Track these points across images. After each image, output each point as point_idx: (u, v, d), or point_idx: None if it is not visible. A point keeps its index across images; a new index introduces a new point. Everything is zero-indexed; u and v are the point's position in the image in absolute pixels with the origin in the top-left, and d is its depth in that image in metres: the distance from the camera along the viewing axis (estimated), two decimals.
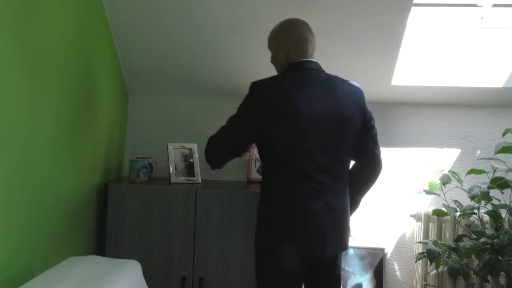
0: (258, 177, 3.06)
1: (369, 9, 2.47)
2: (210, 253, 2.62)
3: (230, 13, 2.57)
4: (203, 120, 3.17)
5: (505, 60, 2.85)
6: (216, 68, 2.94)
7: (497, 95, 2.92)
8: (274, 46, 2.15)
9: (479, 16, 2.86)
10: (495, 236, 2.50)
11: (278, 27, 2.16)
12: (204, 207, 2.64)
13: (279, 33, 2.14)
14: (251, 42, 2.73)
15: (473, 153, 3.04)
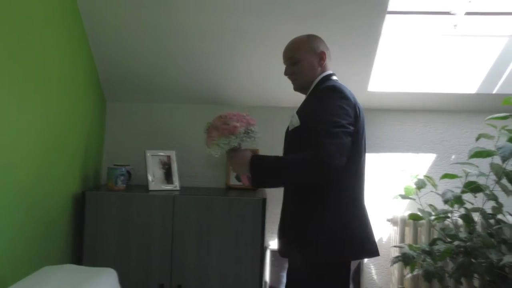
0: (236, 184, 3.07)
1: (344, 16, 2.50)
2: (188, 260, 2.63)
3: (208, 21, 2.59)
4: (181, 128, 3.18)
5: (478, 67, 2.91)
6: (195, 75, 2.95)
7: (471, 101, 2.98)
8: (308, 52, 2.03)
9: (453, 23, 2.92)
10: (468, 239, 2.55)
11: (308, 35, 2.08)
12: (182, 214, 2.64)
13: (314, 40, 2.06)
14: (229, 49, 2.75)
15: (448, 158, 3.09)
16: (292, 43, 2.08)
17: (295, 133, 1.94)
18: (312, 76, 2.03)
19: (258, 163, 1.88)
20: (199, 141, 3.15)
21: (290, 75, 2.07)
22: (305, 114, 1.93)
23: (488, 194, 2.55)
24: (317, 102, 1.89)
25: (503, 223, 2.60)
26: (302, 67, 2.03)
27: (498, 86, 2.89)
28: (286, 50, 2.08)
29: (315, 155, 1.75)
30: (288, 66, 2.07)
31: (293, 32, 2.58)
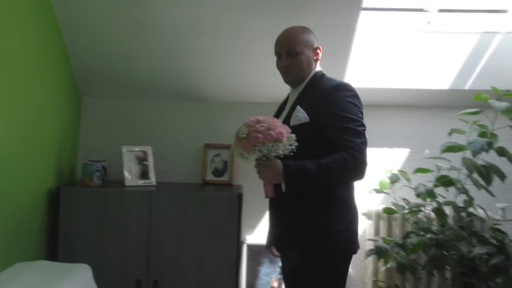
0: (213, 179, 3.08)
1: (319, 12, 2.52)
2: (165, 256, 2.63)
3: (187, 16, 2.58)
4: (158, 123, 3.17)
5: (451, 63, 2.97)
6: (172, 71, 2.94)
7: (443, 97, 3.03)
8: (306, 45, 2.00)
9: (426, 20, 2.97)
10: (440, 232, 2.60)
11: (304, 28, 2.03)
12: (158, 209, 2.64)
13: (311, 34, 2.03)
14: (207, 45, 2.75)
15: (422, 153, 3.14)
16: (290, 34, 2.01)
17: (303, 129, 1.88)
18: (307, 71, 2.02)
19: (297, 170, 1.81)
20: (175, 137, 3.17)
21: (285, 67, 2.00)
22: (315, 111, 1.89)
23: (459, 188, 2.60)
24: (333, 101, 1.88)
25: (474, 216, 2.65)
26: (301, 61, 1.99)
27: (470, 82, 2.95)
28: (285, 41, 2.00)
29: (354, 156, 1.79)
30: (284, 58, 2.00)
31: (270, 28, 2.59)
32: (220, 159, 3.12)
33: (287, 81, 2.06)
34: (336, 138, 1.83)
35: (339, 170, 1.80)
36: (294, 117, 1.93)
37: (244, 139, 1.79)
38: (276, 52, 2.04)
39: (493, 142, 2.52)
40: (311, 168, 1.79)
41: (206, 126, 3.17)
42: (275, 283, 3.00)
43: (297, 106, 1.94)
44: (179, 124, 3.18)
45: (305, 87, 2.01)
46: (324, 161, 1.80)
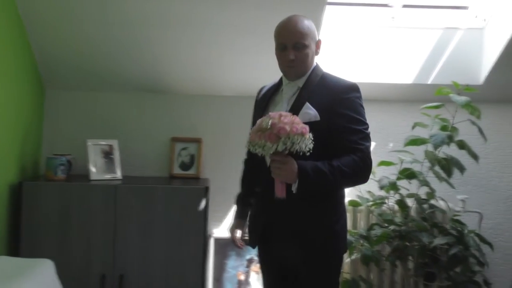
0: (180, 173, 3.07)
1: (284, 6, 2.52)
2: (131, 250, 2.62)
3: (152, 8, 2.55)
4: (124, 116, 3.13)
5: (414, 58, 3.02)
6: (138, 63, 2.91)
7: (408, 91, 3.09)
8: (312, 39, 1.93)
9: (390, 15, 3.01)
10: (403, 224, 2.66)
11: (310, 20, 1.95)
12: (124, 203, 2.63)
13: (314, 26, 1.96)
14: (173, 37, 2.73)
15: (386, 146, 3.19)
16: (298, 26, 1.90)
17: (311, 127, 1.77)
18: (310, 65, 1.95)
19: (312, 171, 1.77)
20: (142, 130, 3.14)
21: (291, 61, 1.90)
22: (327, 111, 1.85)
23: (421, 180, 2.66)
24: (347, 102, 1.87)
25: (435, 208, 2.72)
26: (306, 55, 1.91)
27: (432, 76, 3.01)
28: (293, 33, 1.90)
29: (363, 159, 1.82)
30: (291, 51, 1.89)
31: (235, 21, 2.60)
32: (187, 152, 3.12)
33: (288, 74, 1.96)
34: (346, 139, 1.82)
35: (350, 173, 1.80)
36: (303, 114, 1.84)
37: (268, 129, 1.69)
38: (281, 44, 1.93)
39: (454, 136, 2.59)
40: (324, 170, 1.77)
41: (173, 119, 3.16)
42: (242, 276, 3.01)
43: (305, 103, 1.87)
44: (146, 117, 3.16)
45: (306, 82, 1.93)
46: (336, 163, 1.78)
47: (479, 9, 2.99)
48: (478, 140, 2.70)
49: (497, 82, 2.99)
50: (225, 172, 3.12)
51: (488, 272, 2.93)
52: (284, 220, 1.91)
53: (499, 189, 3.20)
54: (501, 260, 3.17)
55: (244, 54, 2.82)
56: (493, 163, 3.20)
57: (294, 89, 1.95)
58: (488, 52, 2.94)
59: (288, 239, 1.91)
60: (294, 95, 1.94)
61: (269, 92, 2.06)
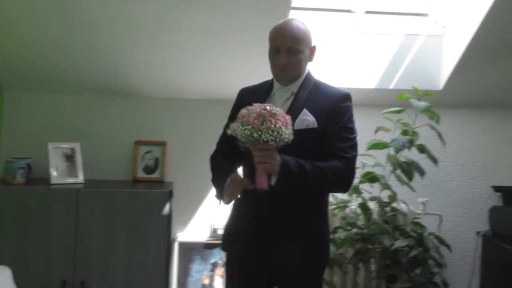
0: (144, 176, 3.04)
1: (249, 10, 2.54)
2: (92, 255, 2.58)
3: (116, 10, 2.52)
4: (87, 119, 3.08)
5: (377, 63, 3.07)
6: (101, 65, 2.87)
7: (370, 96, 3.13)
8: (307, 44, 1.90)
9: (353, 21, 3.06)
10: (366, 227, 2.69)
11: (307, 26, 1.92)
12: (86, 208, 2.59)
13: (310, 32, 1.93)
14: (137, 40, 2.70)
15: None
16: (294, 31, 1.87)
17: (308, 134, 1.82)
18: (303, 71, 1.93)
19: (294, 165, 1.75)
20: (105, 133, 3.10)
21: (283, 65, 1.86)
22: (325, 119, 1.85)
23: (383, 183, 2.70)
24: (343, 110, 1.88)
25: (397, 211, 2.78)
26: (300, 60, 1.89)
27: (394, 82, 3.07)
28: (288, 37, 1.86)
29: (348, 167, 1.83)
30: (284, 55, 1.86)
31: (200, 25, 2.59)
32: (151, 156, 3.09)
33: (281, 78, 1.92)
34: (334, 146, 1.83)
35: (332, 178, 1.80)
36: (301, 120, 1.84)
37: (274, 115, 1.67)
38: (275, 46, 1.89)
39: (414, 140, 2.65)
40: (306, 168, 1.77)
41: (137, 122, 3.12)
42: (206, 280, 3.00)
43: (303, 109, 1.86)
44: (109, 120, 3.11)
45: (301, 88, 1.92)
46: (319, 165, 1.78)
47: (438, 17, 3.06)
48: (438, 144, 2.77)
49: (455, 88, 3.07)
50: (190, 176, 3.10)
51: (447, 273, 3.01)
52: (275, 223, 1.87)
53: (458, 192, 3.29)
54: (460, 262, 3.25)
55: (210, 58, 2.82)
56: (452, 166, 3.28)
57: (288, 94, 1.93)
58: (447, 58, 3.02)
59: (278, 242, 1.86)
60: (288, 100, 1.92)
61: (261, 96, 1.97)
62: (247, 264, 1.93)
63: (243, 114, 1.70)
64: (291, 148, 1.74)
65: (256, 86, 2.05)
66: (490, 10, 2.61)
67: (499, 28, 2.72)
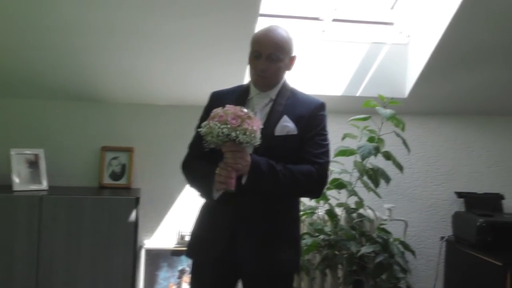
0: (111, 183, 3.00)
1: (217, 17, 2.53)
2: (56, 264, 2.53)
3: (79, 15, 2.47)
4: (51, 125, 3.02)
5: (344, 71, 3.11)
6: (65, 71, 2.82)
7: (337, 103, 3.15)
8: (287, 53, 1.94)
9: (321, 29, 3.09)
10: (333, 233, 2.71)
11: (290, 34, 1.96)
12: (50, 215, 2.55)
13: (292, 41, 1.96)
14: (100, 44, 2.66)
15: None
16: (276, 38, 1.89)
17: (287, 140, 1.86)
18: (281, 78, 1.96)
19: (265, 165, 1.78)
20: (70, 139, 3.04)
21: (262, 71, 1.88)
22: (304, 126, 1.89)
23: (350, 190, 2.73)
24: (319, 118, 1.93)
25: (364, 217, 2.81)
26: (279, 68, 1.91)
27: (360, 89, 3.11)
28: (269, 44, 1.88)
29: (320, 172, 1.87)
30: (264, 61, 1.87)
31: (166, 30, 2.57)
32: (118, 162, 3.06)
33: (258, 83, 1.93)
34: (308, 151, 1.87)
35: (303, 182, 1.83)
36: (282, 126, 1.88)
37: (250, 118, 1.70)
38: (256, 51, 1.90)
39: (380, 147, 2.68)
40: (277, 169, 1.80)
41: (103, 128, 3.08)
42: (174, 287, 2.98)
43: (283, 115, 1.89)
44: (75, 126, 3.06)
45: (279, 95, 1.94)
46: (290, 167, 1.82)
47: (403, 26, 3.13)
48: (403, 151, 2.81)
49: (420, 96, 3.13)
50: (157, 182, 3.08)
51: (412, 278, 3.06)
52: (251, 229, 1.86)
53: (423, 198, 3.35)
54: (424, 266, 3.32)
55: (177, 63, 2.80)
56: (417, 173, 3.35)
57: (266, 100, 1.94)
58: (412, 66, 3.08)
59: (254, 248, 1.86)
60: (267, 106, 1.94)
61: (238, 99, 1.95)
62: (220, 271, 1.92)
63: (219, 114, 1.71)
64: (271, 154, 1.79)
65: (229, 90, 2.05)
66: (452, 21, 2.68)
67: (461, 38, 2.80)
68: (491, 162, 3.43)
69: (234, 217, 1.87)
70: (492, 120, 3.44)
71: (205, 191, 1.87)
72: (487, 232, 2.85)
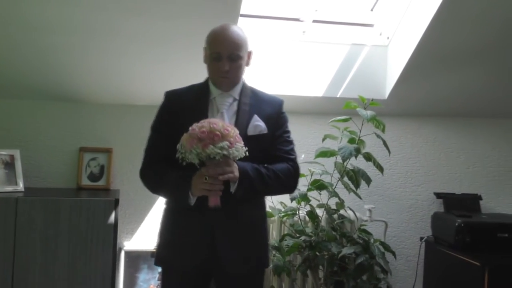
0: (89, 184, 2.96)
1: (197, 17, 2.52)
2: (33, 267, 2.47)
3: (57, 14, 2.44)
4: (27, 125, 2.96)
5: (324, 72, 3.12)
6: (42, 70, 2.77)
7: (318, 104, 3.17)
8: (246, 50, 1.93)
9: (302, 30, 3.09)
10: (314, 234, 2.72)
11: (241, 29, 1.94)
12: (26, 217, 2.49)
13: (247, 38, 1.94)
14: (80, 44, 2.62)
15: (298, 157, 3.24)
16: (234, 37, 1.87)
17: (259, 140, 1.86)
18: (241, 76, 1.96)
19: (252, 171, 1.81)
20: (47, 140, 2.99)
21: (226, 72, 1.86)
22: (272, 124, 1.93)
23: (331, 191, 2.73)
24: (284, 116, 1.99)
25: (344, 218, 2.82)
26: (240, 66, 1.90)
27: (341, 90, 3.12)
28: (229, 44, 1.86)
29: (295, 168, 1.95)
30: (226, 62, 1.85)
31: (146, 30, 2.55)
32: (96, 163, 3.01)
33: (222, 85, 1.92)
34: (281, 149, 1.94)
35: (283, 180, 1.89)
36: (254, 126, 1.89)
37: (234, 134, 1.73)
38: (215, 53, 1.87)
39: (361, 148, 2.70)
40: (262, 172, 1.83)
41: (81, 129, 3.03)
42: None
43: (254, 115, 1.90)
44: (52, 126, 3.01)
45: (242, 94, 1.94)
46: (272, 168, 1.87)
47: (383, 28, 3.15)
48: (383, 152, 2.83)
49: (399, 97, 3.16)
50: (136, 183, 2.95)
51: (392, 278, 3.07)
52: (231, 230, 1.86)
53: (403, 199, 3.38)
54: (404, 266, 3.34)
55: (156, 64, 2.78)
56: (397, 174, 3.37)
57: (230, 99, 1.94)
58: (392, 68, 3.10)
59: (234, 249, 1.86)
60: (231, 106, 1.93)
61: (199, 100, 1.94)
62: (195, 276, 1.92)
63: (200, 137, 1.69)
64: (257, 154, 1.83)
65: (184, 89, 2.02)
66: (431, 23, 2.70)
67: (440, 40, 2.83)
68: (469, 163, 3.47)
69: (211, 221, 1.84)
70: (470, 121, 3.48)
71: (179, 196, 1.84)
72: (465, 232, 2.88)
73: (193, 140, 1.70)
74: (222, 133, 1.69)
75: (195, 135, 1.70)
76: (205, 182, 1.74)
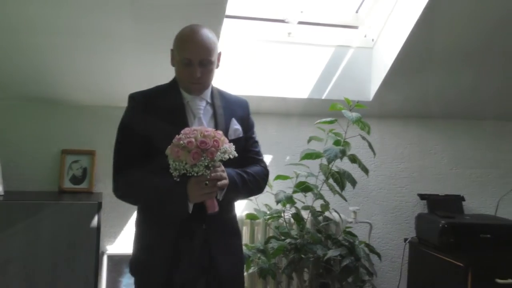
0: (71, 187, 2.91)
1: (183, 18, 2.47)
2: (13, 272, 2.42)
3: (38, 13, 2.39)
4: (7, 127, 2.90)
5: (310, 74, 3.11)
6: (22, 70, 2.71)
7: (303, 105, 3.17)
8: (216, 53, 1.86)
9: (287, 31, 3.08)
10: (300, 236, 2.71)
11: (211, 30, 1.86)
12: (5, 221, 2.43)
13: (217, 39, 1.90)
14: (63, 45, 2.57)
15: (283, 159, 3.25)
16: (205, 41, 1.80)
17: (237, 143, 1.79)
18: (212, 80, 1.91)
19: (237, 177, 1.81)
20: (28, 142, 2.93)
21: (198, 79, 1.80)
22: (245, 127, 1.95)
23: (316, 193, 2.73)
24: (249, 117, 2.00)
25: (330, 220, 2.82)
26: (211, 70, 1.85)
27: (326, 92, 3.12)
28: (200, 49, 1.79)
29: (266, 169, 1.97)
30: (197, 68, 1.79)
31: (132, 32, 2.51)
32: (79, 165, 2.96)
33: (194, 90, 1.86)
34: (251, 151, 1.96)
35: (259, 182, 1.92)
36: (234, 130, 1.89)
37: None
38: (186, 59, 1.80)
39: (346, 150, 2.69)
40: (244, 177, 1.84)
41: (63, 131, 2.98)
42: None
43: (232, 119, 1.90)
44: (33, 128, 2.95)
45: (212, 97, 1.91)
46: (250, 171, 1.87)
47: (368, 30, 3.16)
48: (368, 154, 2.83)
49: (384, 99, 3.17)
50: None
51: (377, 280, 3.08)
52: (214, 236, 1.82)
53: (387, 200, 3.39)
54: (389, 268, 3.35)
55: (140, 65, 2.74)
56: (382, 175, 3.38)
57: (203, 103, 1.89)
58: (376, 70, 3.11)
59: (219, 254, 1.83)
60: (205, 109, 1.90)
61: (172, 103, 1.89)
62: None
63: (203, 148, 1.64)
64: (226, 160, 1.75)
65: (151, 91, 1.96)
66: (416, 25, 2.72)
67: (424, 43, 2.84)
68: (452, 164, 3.50)
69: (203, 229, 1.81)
70: (454, 123, 3.51)
71: (176, 206, 1.74)
72: (449, 233, 2.90)
73: (196, 154, 1.64)
74: (219, 138, 1.69)
75: (194, 148, 1.64)
76: (206, 187, 1.69)
